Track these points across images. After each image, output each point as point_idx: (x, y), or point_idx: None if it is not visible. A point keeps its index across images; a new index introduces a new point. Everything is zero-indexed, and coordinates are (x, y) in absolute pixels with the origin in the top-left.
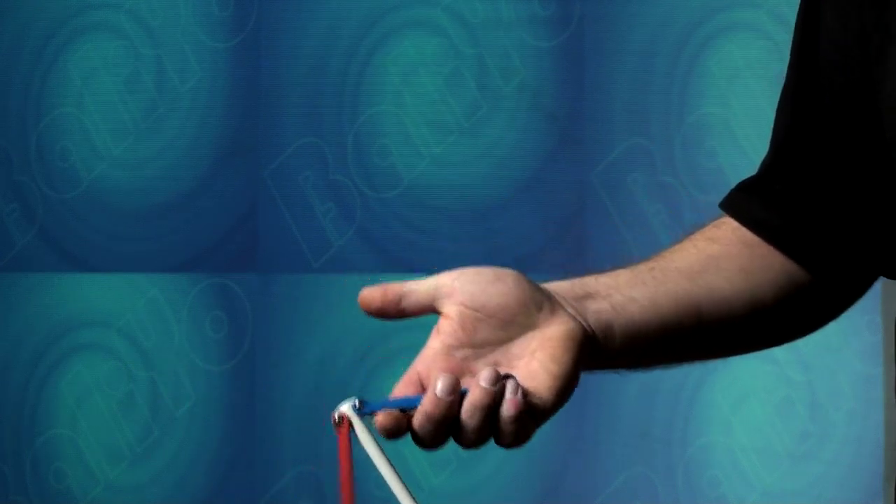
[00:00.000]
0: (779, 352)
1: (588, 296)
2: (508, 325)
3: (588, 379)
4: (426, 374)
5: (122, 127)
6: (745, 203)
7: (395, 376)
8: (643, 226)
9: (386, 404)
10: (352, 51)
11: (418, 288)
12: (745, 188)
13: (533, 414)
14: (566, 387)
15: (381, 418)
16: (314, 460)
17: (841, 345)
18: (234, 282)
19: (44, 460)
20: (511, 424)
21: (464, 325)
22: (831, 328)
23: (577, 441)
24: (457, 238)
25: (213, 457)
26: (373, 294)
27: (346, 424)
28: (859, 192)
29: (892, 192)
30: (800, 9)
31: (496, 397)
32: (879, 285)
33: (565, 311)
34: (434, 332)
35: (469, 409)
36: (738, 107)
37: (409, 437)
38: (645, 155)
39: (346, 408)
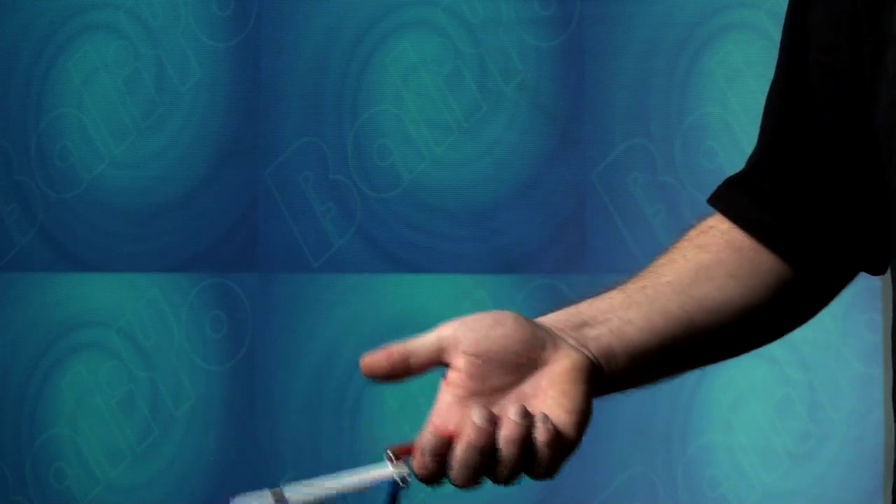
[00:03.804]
0: (779, 351)
1: (585, 324)
2: (516, 367)
3: None
4: (444, 427)
5: (122, 127)
6: (734, 200)
7: None
8: (643, 226)
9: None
10: (352, 51)
11: (422, 345)
12: (733, 184)
13: (560, 446)
14: (582, 419)
15: (418, 461)
16: (314, 460)
17: (841, 345)
18: (234, 282)
19: (44, 460)
20: (547, 450)
21: (472, 374)
22: (831, 328)
23: None
24: (457, 238)
25: (212, 456)
26: (378, 360)
27: None
28: (846, 192)
29: (880, 192)
30: (788, 9)
31: (528, 429)
32: (879, 285)
33: (567, 343)
34: (443, 384)
35: (505, 442)
36: (738, 107)
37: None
38: (645, 155)
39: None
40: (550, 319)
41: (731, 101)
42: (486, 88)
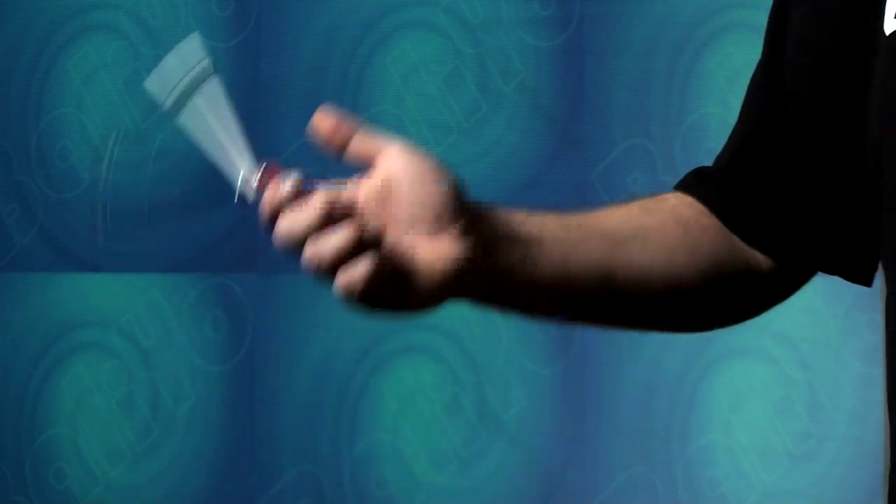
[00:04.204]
0: (778, 351)
1: (512, 234)
2: (409, 215)
3: (587, 378)
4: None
5: (121, 127)
6: (703, 189)
7: (396, 376)
8: None
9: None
10: (352, 51)
11: (371, 143)
12: (701, 176)
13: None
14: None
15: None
16: (314, 460)
17: (841, 344)
18: (234, 282)
19: (44, 460)
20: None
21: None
22: (831, 328)
23: (576, 441)
24: None
25: (212, 457)
26: (329, 121)
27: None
28: (819, 192)
29: (856, 196)
30: (773, 5)
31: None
32: (879, 285)
33: (471, 233)
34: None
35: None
36: (738, 107)
37: None
38: (645, 155)
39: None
40: (485, 211)
41: (731, 101)
42: (486, 89)
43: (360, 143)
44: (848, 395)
